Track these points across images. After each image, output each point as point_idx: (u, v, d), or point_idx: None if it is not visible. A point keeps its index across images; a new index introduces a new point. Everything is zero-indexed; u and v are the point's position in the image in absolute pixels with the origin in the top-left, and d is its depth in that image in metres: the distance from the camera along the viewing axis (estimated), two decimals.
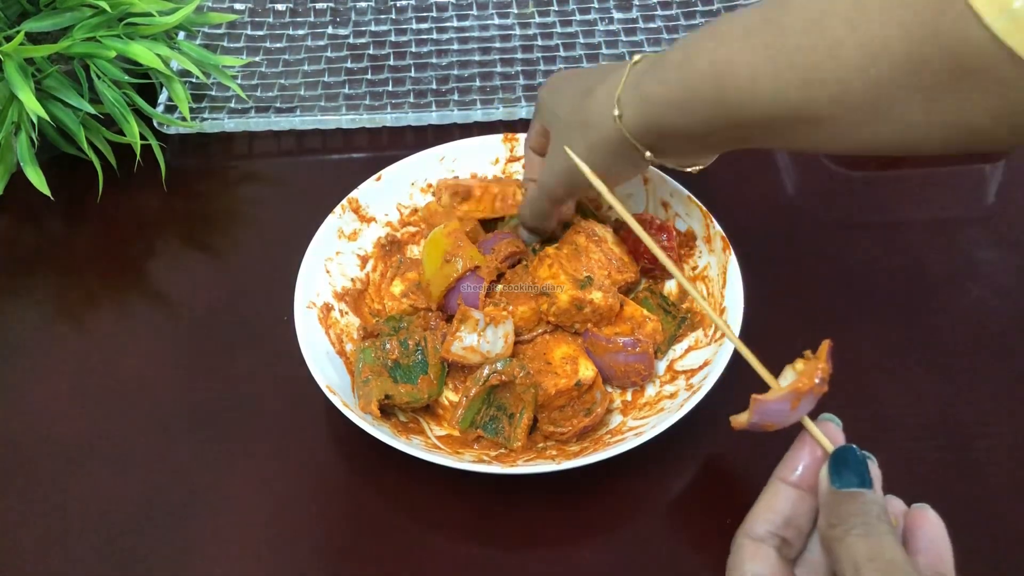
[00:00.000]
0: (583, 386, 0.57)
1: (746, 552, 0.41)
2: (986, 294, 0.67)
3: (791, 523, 0.41)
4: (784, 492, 0.42)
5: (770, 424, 0.45)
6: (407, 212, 0.69)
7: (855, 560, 0.37)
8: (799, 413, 0.44)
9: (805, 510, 0.42)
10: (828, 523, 0.39)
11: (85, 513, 0.57)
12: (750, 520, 0.42)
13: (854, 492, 0.40)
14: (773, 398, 0.44)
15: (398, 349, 0.59)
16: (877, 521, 0.38)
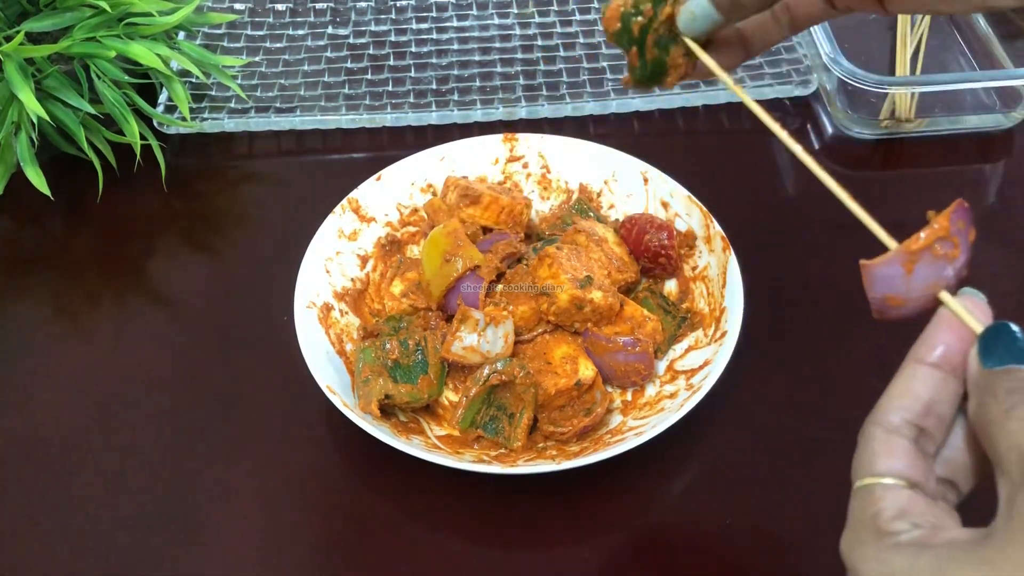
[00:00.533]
0: (583, 386, 0.57)
1: (878, 445, 0.34)
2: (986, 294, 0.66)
3: (931, 410, 0.34)
4: (923, 374, 0.35)
5: (893, 298, 0.37)
6: (407, 212, 0.69)
7: (1020, 445, 0.30)
8: (920, 282, 0.36)
9: (948, 396, 0.34)
10: (982, 404, 0.32)
11: (85, 512, 0.57)
12: (882, 407, 0.35)
13: (1013, 369, 0.32)
14: (880, 262, 0.37)
15: (398, 349, 0.59)
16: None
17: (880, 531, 0.32)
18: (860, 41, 0.83)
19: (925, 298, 0.36)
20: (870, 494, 0.33)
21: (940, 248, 0.36)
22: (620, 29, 0.37)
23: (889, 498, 0.33)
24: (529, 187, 0.71)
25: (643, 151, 0.69)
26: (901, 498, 0.32)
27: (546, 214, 0.70)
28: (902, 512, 0.32)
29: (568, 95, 0.80)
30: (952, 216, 0.37)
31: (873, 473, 0.33)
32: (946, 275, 0.36)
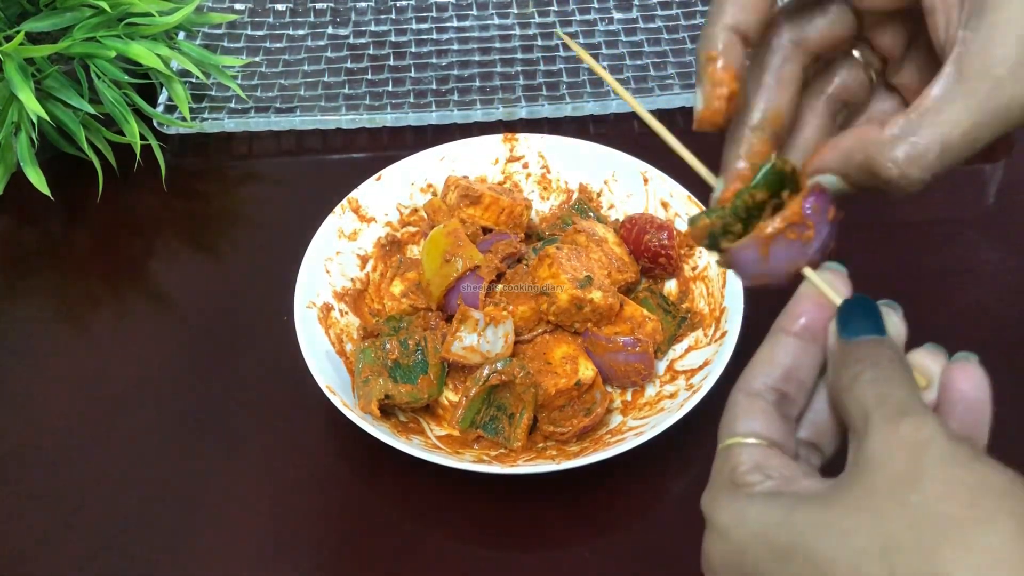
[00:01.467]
0: (583, 386, 0.57)
1: (739, 408, 0.35)
2: (986, 294, 0.67)
3: (791, 375, 0.36)
4: (784, 342, 0.36)
5: (757, 276, 0.39)
6: (407, 212, 0.69)
7: (864, 407, 0.32)
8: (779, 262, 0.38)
9: (808, 362, 0.36)
10: (835, 373, 0.34)
11: (85, 512, 0.57)
12: (746, 374, 0.36)
13: (864, 339, 0.34)
14: (737, 246, 0.39)
15: (398, 349, 0.59)
16: (888, 363, 0.33)
17: (736, 483, 0.34)
18: None
19: (789, 274, 0.38)
20: (729, 452, 0.35)
21: (793, 232, 0.38)
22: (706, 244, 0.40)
23: (745, 454, 0.34)
24: (529, 187, 0.71)
25: (643, 151, 0.69)
26: (756, 454, 0.34)
27: (546, 214, 0.70)
28: (757, 466, 0.34)
29: (568, 95, 0.80)
30: (805, 201, 0.38)
31: (734, 434, 0.35)
32: (807, 252, 0.38)
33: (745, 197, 0.39)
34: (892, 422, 0.31)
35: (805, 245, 0.38)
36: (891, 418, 0.31)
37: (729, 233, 0.39)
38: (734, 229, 0.39)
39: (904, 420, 0.31)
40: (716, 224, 0.39)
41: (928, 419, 0.31)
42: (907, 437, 0.30)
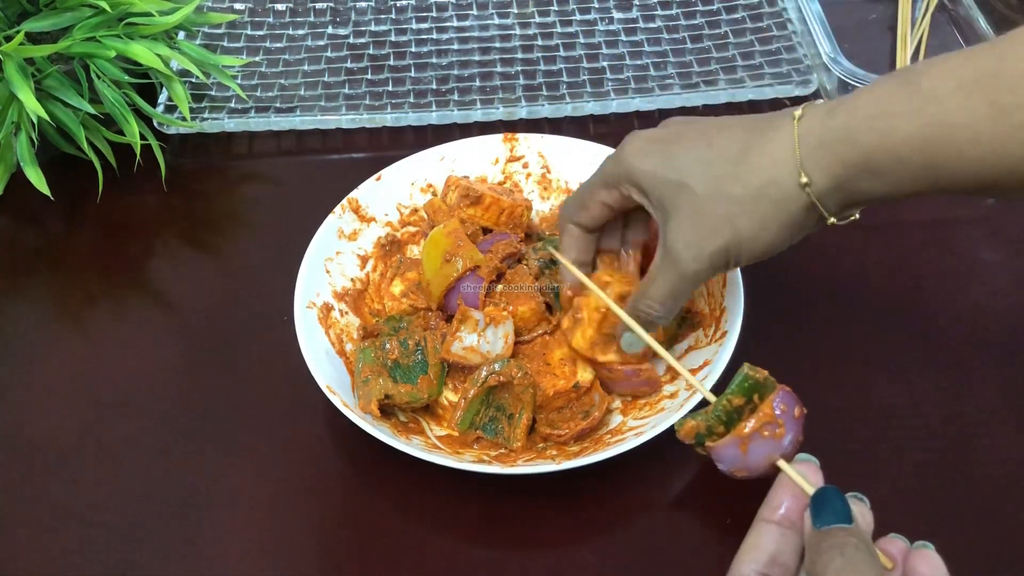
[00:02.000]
0: (581, 388, 0.57)
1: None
2: (986, 294, 0.67)
3: (776, 560, 0.41)
4: (767, 531, 0.42)
5: (738, 470, 0.47)
6: (407, 212, 0.69)
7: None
8: (757, 457, 0.46)
9: (790, 548, 0.42)
10: (811, 561, 0.39)
11: (85, 513, 0.57)
12: (736, 562, 0.42)
13: (833, 528, 0.39)
14: (718, 445, 0.47)
15: (398, 349, 0.59)
16: (855, 551, 0.38)
17: None
18: (860, 41, 0.83)
19: (765, 467, 0.46)
20: None
21: (767, 431, 0.46)
22: (693, 443, 0.49)
23: None
24: (529, 187, 0.71)
25: None
26: None
27: (546, 214, 0.70)
28: None
29: (568, 95, 0.80)
30: (775, 402, 0.46)
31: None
32: (781, 446, 0.46)
33: (724, 403, 0.47)
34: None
35: (778, 441, 0.46)
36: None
37: (713, 434, 0.47)
38: (717, 431, 0.47)
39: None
40: (701, 426, 0.48)
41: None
42: None
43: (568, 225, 0.57)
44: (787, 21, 0.85)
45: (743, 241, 0.49)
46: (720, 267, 0.50)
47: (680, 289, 0.51)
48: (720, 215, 0.48)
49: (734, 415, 0.47)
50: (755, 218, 0.48)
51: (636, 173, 0.51)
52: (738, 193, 0.47)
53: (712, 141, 0.49)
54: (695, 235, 0.49)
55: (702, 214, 0.49)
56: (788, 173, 0.46)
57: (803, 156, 0.46)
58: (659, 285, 0.52)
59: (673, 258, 0.50)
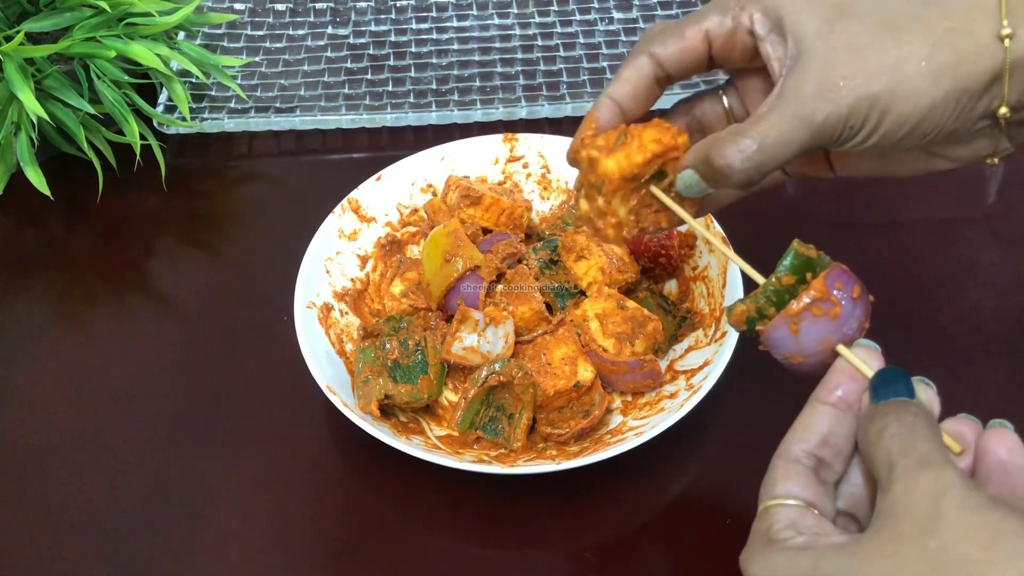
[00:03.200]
0: (582, 387, 0.57)
1: (778, 472, 0.38)
2: (986, 294, 0.67)
3: (828, 442, 0.38)
4: (821, 411, 0.38)
5: (792, 356, 0.41)
6: (407, 212, 0.69)
7: (889, 458, 0.34)
8: (811, 339, 0.41)
9: (844, 431, 0.38)
10: (863, 432, 0.36)
11: (84, 513, 0.57)
12: (785, 442, 0.38)
13: (893, 400, 0.36)
14: (768, 327, 0.42)
15: (398, 349, 0.59)
16: (913, 418, 0.35)
17: (770, 540, 0.36)
18: None
19: (823, 352, 0.41)
20: (766, 513, 0.37)
21: (819, 309, 0.41)
22: (745, 330, 0.43)
23: (782, 513, 0.36)
24: (529, 187, 0.71)
25: None
26: (792, 513, 0.36)
27: (546, 214, 0.70)
28: (791, 524, 0.36)
29: (568, 95, 0.80)
30: (827, 279, 0.41)
31: (773, 496, 0.37)
32: (839, 330, 0.41)
33: (773, 281, 0.42)
34: (914, 472, 0.33)
35: (835, 322, 0.41)
36: (913, 468, 0.33)
37: (764, 317, 0.42)
38: (768, 313, 0.42)
39: (925, 471, 0.33)
40: (751, 309, 0.43)
41: (948, 469, 0.33)
42: (927, 486, 0.32)
43: (641, 56, 0.45)
44: None
45: (904, 95, 0.39)
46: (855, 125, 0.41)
47: (792, 137, 0.40)
48: (885, 52, 0.39)
49: (785, 295, 0.42)
50: (930, 66, 0.39)
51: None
52: (917, 31, 0.39)
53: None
54: (843, 70, 0.39)
55: (859, 47, 0.39)
56: (987, 18, 0.39)
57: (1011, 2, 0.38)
58: (769, 123, 0.41)
59: (801, 96, 0.40)
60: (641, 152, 0.43)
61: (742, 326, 0.43)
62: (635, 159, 0.43)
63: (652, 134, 0.44)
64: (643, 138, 0.44)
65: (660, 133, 0.44)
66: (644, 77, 0.45)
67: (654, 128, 0.44)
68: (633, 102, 0.46)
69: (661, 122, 0.45)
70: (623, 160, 0.43)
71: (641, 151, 0.43)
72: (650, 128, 0.44)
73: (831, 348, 0.40)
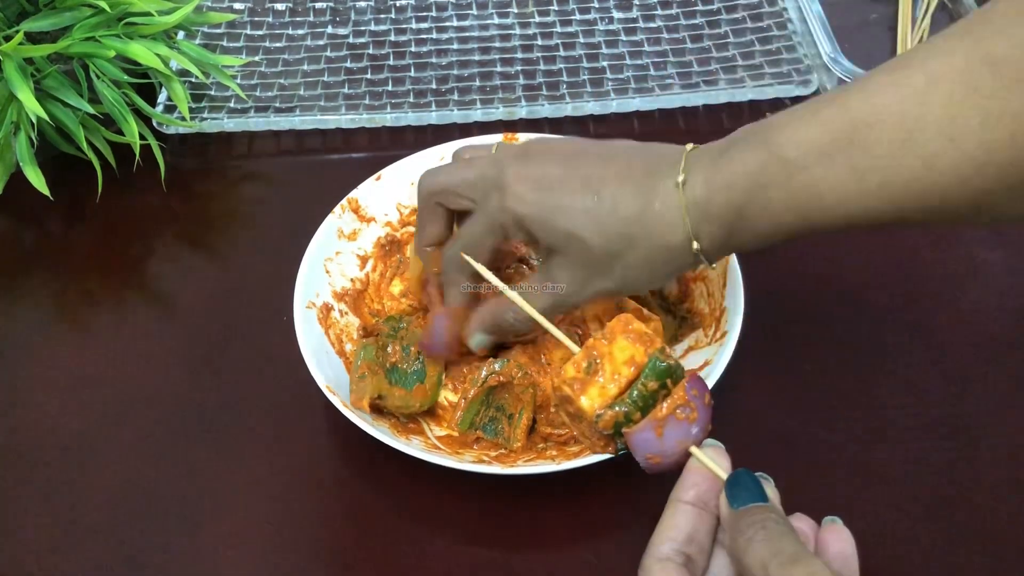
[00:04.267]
0: None
1: (654, 571, 0.42)
2: (986, 294, 0.67)
3: (693, 540, 0.43)
4: (683, 510, 0.44)
5: (653, 456, 0.47)
6: (407, 212, 0.69)
7: (761, 561, 0.39)
8: (671, 441, 0.46)
9: (704, 528, 0.43)
10: (732, 539, 0.41)
11: (84, 513, 0.57)
12: (654, 543, 0.43)
13: (752, 507, 0.41)
14: (635, 430, 0.47)
15: (399, 353, 0.59)
16: (775, 525, 0.40)
17: None
18: (860, 41, 0.83)
19: (679, 453, 0.46)
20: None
21: (681, 413, 0.46)
22: (611, 432, 0.49)
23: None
24: None
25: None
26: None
27: None
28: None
29: (568, 95, 0.80)
30: (687, 386, 0.47)
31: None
32: (692, 433, 0.46)
33: (640, 387, 0.48)
34: (787, 567, 0.38)
35: (691, 425, 0.46)
36: (786, 564, 0.38)
37: (630, 421, 0.48)
38: (634, 417, 0.48)
39: (797, 564, 0.38)
40: (620, 415, 0.48)
41: (815, 561, 0.38)
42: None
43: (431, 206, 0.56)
44: (787, 21, 0.85)
45: (632, 285, 0.52)
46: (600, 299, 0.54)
47: (552, 312, 0.53)
48: (610, 266, 0.50)
49: (650, 400, 0.47)
50: (646, 273, 0.50)
51: (525, 221, 0.51)
52: (632, 256, 0.49)
53: (599, 192, 0.49)
54: (584, 275, 0.51)
55: (594, 262, 0.50)
56: (680, 240, 0.48)
57: (693, 226, 0.48)
58: (535, 301, 0.53)
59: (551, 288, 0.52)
60: (615, 382, 0.48)
61: (610, 429, 0.48)
62: (610, 393, 0.48)
63: (622, 349, 0.49)
64: (614, 358, 0.49)
65: (630, 345, 0.49)
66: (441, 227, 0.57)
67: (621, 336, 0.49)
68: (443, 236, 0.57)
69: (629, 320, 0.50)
70: (597, 398, 0.48)
71: (615, 380, 0.48)
72: (617, 338, 0.49)
73: (686, 449, 0.46)
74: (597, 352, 0.49)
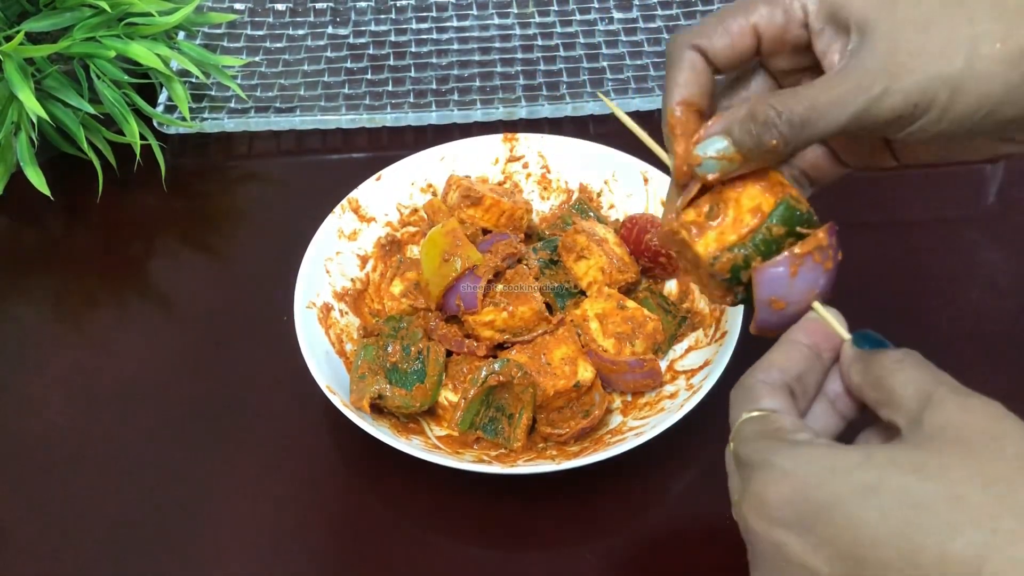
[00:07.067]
0: (582, 387, 0.57)
1: (762, 389, 0.37)
2: (986, 294, 0.67)
3: (802, 379, 0.38)
4: (798, 349, 0.39)
5: (777, 300, 0.41)
6: (407, 212, 0.69)
7: (920, 384, 0.34)
8: (801, 286, 0.41)
9: (814, 375, 0.39)
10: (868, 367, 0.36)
11: (84, 513, 0.57)
12: (762, 367, 0.38)
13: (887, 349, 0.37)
14: (770, 263, 0.41)
15: (400, 353, 0.59)
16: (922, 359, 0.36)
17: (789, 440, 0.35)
18: None
19: (803, 303, 0.41)
20: (765, 419, 0.36)
21: (819, 255, 0.41)
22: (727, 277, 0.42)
23: (787, 419, 0.36)
24: (529, 187, 0.71)
25: (643, 151, 0.68)
26: (797, 421, 0.36)
27: (546, 214, 0.70)
28: (802, 428, 0.35)
29: (568, 95, 0.80)
30: (829, 230, 0.42)
31: (760, 408, 0.37)
32: (821, 285, 0.42)
33: (764, 231, 0.41)
34: (963, 396, 0.33)
35: (825, 274, 0.42)
36: (960, 393, 0.33)
37: (750, 267, 0.42)
38: (754, 263, 0.42)
39: (970, 397, 0.33)
40: (739, 258, 0.42)
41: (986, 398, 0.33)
42: (980, 408, 0.33)
43: (686, 51, 0.43)
44: None
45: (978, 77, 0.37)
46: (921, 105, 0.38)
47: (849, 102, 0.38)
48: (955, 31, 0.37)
49: (774, 247, 0.41)
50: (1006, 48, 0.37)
51: None
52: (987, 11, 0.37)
53: None
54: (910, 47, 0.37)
55: (927, 24, 0.37)
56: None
57: None
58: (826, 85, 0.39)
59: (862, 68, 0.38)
60: (735, 229, 0.42)
61: (726, 274, 0.42)
62: (728, 239, 0.42)
63: (751, 196, 0.42)
64: (740, 205, 0.42)
65: (760, 193, 0.42)
66: (702, 72, 0.43)
67: (753, 185, 0.42)
68: (705, 99, 0.43)
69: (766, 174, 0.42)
70: (713, 244, 0.42)
71: (736, 227, 0.42)
72: (749, 186, 0.42)
73: (809, 302, 0.41)
74: (723, 196, 0.42)
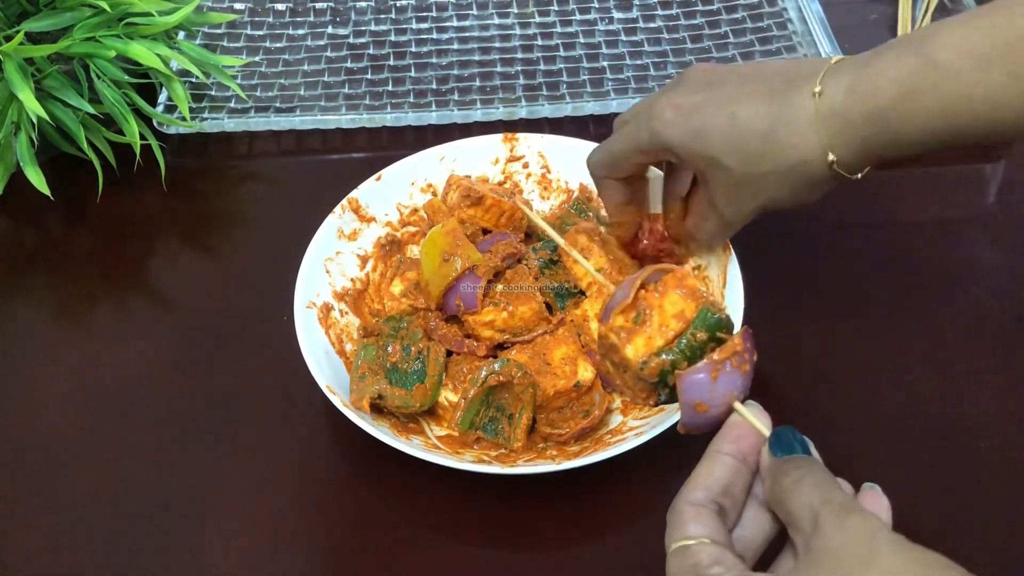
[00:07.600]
0: (582, 388, 0.57)
1: (688, 515, 0.41)
2: (986, 294, 0.67)
3: (728, 491, 0.41)
4: (722, 461, 0.42)
5: (700, 404, 0.44)
6: (407, 212, 0.69)
7: (811, 505, 0.37)
8: (722, 390, 0.44)
9: (741, 482, 0.42)
10: (775, 484, 0.40)
11: (84, 513, 0.57)
12: (689, 488, 0.42)
13: (798, 456, 0.40)
14: (691, 370, 0.45)
15: (400, 353, 0.59)
16: (823, 473, 0.39)
17: None
18: (860, 41, 0.82)
19: (724, 405, 0.44)
20: (685, 552, 0.40)
21: (736, 361, 0.44)
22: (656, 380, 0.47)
23: (704, 552, 0.39)
24: (529, 187, 0.71)
25: None
26: (714, 552, 0.39)
27: (546, 214, 0.70)
28: (717, 562, 0.38)
29: (568, 95, 0.80)
30: (744, 335, 0.45)
31: (686, 536, 0.40)
32: (739, 387, 0.44)
33: (689, 336, 0.46)
34: (841, 516, 0.36)
35: (742, 378, 0.45)
36: (839, 513, 0.37)
37: (676, 371, 0.45)
38: (680, 367, 0.46)
39: (851, 515, 0.36)
40: (666, 363, 0.46)
41: (870, 515, 0.37)
42: (858, 528, 0.36)
43: (604, 180, 0.60)
44: (787, 21, 0.85)
45: (776, 201, 0.53)
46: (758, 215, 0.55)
47: (727, 231, 0.57)
48: (754, 186, 0.52)
49: (697, 351, 0.46)
50: (786, 188, 0.52)
51: (670, 144, 0.53)
52: (768, 170, 0.51)
53: (735, 112, 0.51)
54: (734, 198, 0.53)
55: (737, 185, 0.52)
56: (815, 153, 0.49)
57: (829, 138, 0.48)
58: (710, 226, 0.57)
59: (717, 211, 0.55)
60: (662, 334, 0.46)
61: (655, 377, 0.46)
62: (656, 343, 0.46)
63: (673, 303, 0.47)
64: (664, 311, 0.47)
65: (681, 300, 0.47)
66: (618, 186, 0.59)
67: (673, 291, 0.47)
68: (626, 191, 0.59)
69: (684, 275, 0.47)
70: (642, 348, 0.46)
71: (662, 332, 0.46)
72: (670, 291, 0.47)
73: (730, 403, 0.44)
74: (647, 303, 0.47)
